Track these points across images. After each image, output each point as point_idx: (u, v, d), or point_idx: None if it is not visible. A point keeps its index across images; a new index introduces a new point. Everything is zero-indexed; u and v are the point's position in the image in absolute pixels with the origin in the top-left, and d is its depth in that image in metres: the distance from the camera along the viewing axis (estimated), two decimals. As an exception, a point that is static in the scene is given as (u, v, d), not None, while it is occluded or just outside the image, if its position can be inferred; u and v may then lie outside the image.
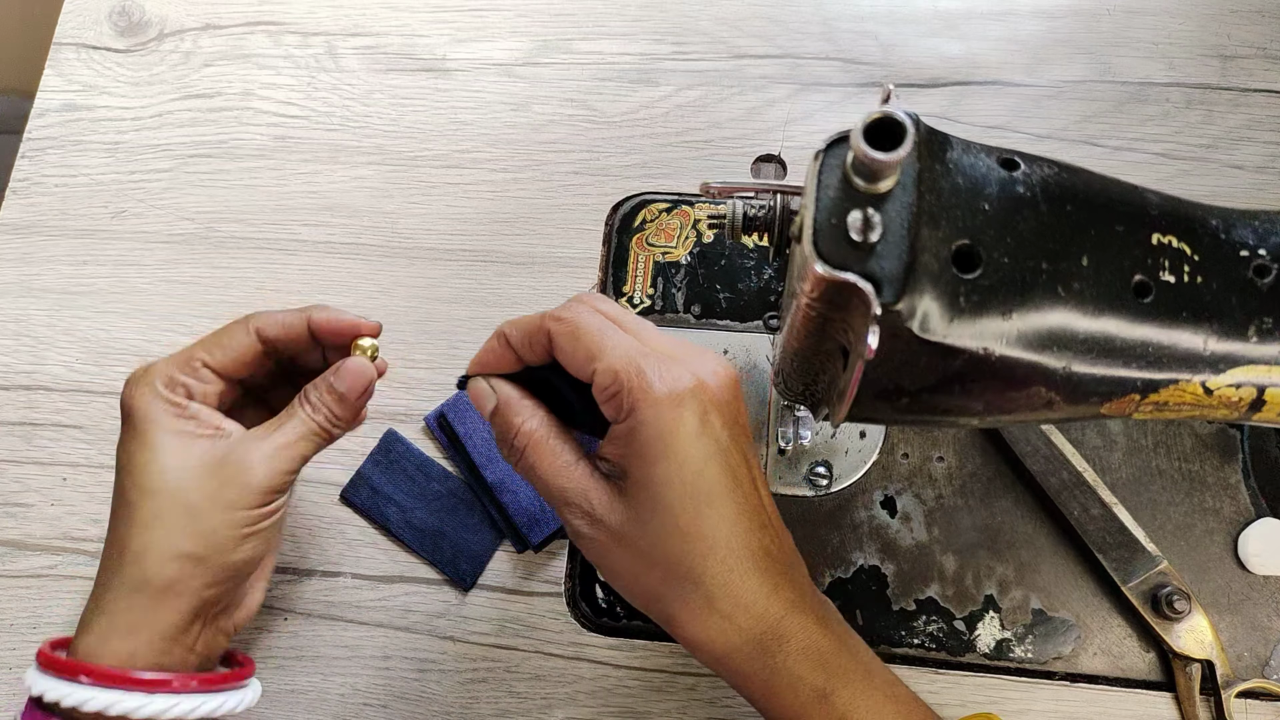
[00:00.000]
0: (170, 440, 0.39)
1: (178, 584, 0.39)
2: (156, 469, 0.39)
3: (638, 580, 0.35)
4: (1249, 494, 0.51)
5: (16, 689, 0.52)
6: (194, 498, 0.39)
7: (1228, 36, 0.62)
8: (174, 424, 0.39)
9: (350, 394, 0.41)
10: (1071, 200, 0.31)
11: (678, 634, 0.35)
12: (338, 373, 0.41)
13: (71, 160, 0.63)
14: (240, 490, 0.39)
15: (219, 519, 0.39)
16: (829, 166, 0.30)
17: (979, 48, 0.62)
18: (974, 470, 0.52)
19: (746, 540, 0.34)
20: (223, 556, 0.39)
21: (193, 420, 0.40)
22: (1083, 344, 0.31)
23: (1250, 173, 0.58)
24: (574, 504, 0.36)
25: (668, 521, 0.34)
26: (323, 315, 0.42)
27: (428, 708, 0.51)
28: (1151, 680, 0.48)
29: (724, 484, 0.34)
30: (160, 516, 0.38)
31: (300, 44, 0.65)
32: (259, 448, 0.40)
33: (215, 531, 0.39)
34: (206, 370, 0.41)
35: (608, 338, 0.34)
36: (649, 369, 0.33)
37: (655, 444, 0.33)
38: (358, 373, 0.41)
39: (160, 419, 0.39)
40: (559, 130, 0.62)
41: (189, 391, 0.40)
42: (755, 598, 0.34)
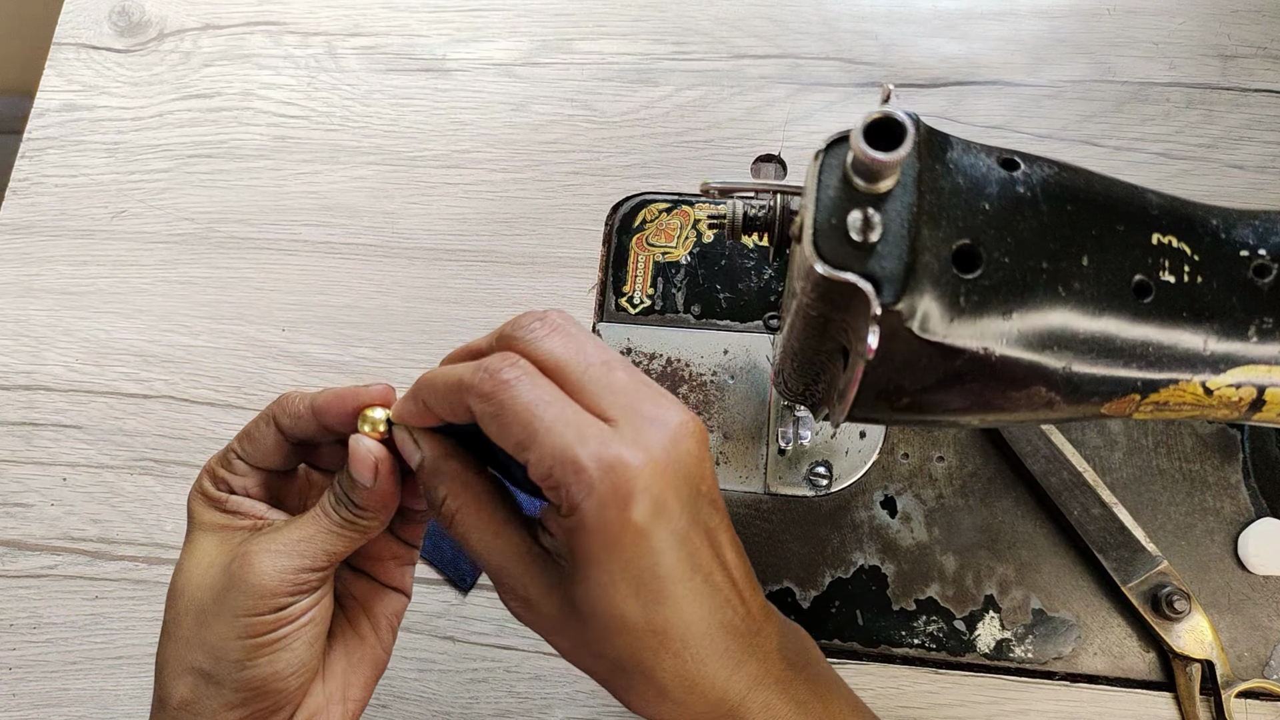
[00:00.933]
0: (205, 538, 0.36)
1: (193, 704, 0.34)
2: (186, 568, 0.35)
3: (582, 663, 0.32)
4: (1249, 494, 0.51)
5: (16, 689, 0.52)
6: (205, 599, 0.34)
7: (1228, 36, 0.62)
8: (215, 519, 0.36)
9: (361, 479, 0.34)
10: (1072, 200, 0.31)
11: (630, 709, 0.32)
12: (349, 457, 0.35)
13: (71, 160, 0.63)
14: (244, 593, 0.33)
15: (224, 628, 0.33)
16: (829, 166, 0.30)
17: (979, 48, 0.62)
18: (974, 470, 0.52)
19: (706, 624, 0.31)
20: (234, 673, 0.34)
21: (232, 514, 0.36)
22: (1083, 344, 0.31)
23: (1250, 173, 0.58)
24: (507, 586, 0.32)
25: (612, 621, 0.30)
26: (323, 396, 0.36)
27: (428, 708, 0.51)
28: (1151, 680, 0.48)
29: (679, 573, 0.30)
30: (176, 622, 0.35)
31: (300, 44, 0.65)
32: (268, 544, 0.34)
33: (220, 641, 0.34)
34: (240, 463, 0.37)
35: (538, 420, 0.29)
36: (590, 460, 0.28)
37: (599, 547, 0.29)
38: (360, 454, 0.34)
39: (203, 516, 0.36)
40: (559, 130, 0.62)
41: (229, 485, 0.37)
42: (713, 682, 0.31)
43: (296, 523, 0.35)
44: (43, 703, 0.52)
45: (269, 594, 0.33)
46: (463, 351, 0.34)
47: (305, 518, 0.35)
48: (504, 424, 0.30)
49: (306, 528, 0.35)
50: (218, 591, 0.34)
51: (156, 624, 0.53)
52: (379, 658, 0.39)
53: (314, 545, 0.35)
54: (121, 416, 0.57)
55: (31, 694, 0.52)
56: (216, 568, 0.34)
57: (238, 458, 0.37)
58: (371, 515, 0.35)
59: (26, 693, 0.52)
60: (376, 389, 0.35)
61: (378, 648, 0.39)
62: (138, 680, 0.52)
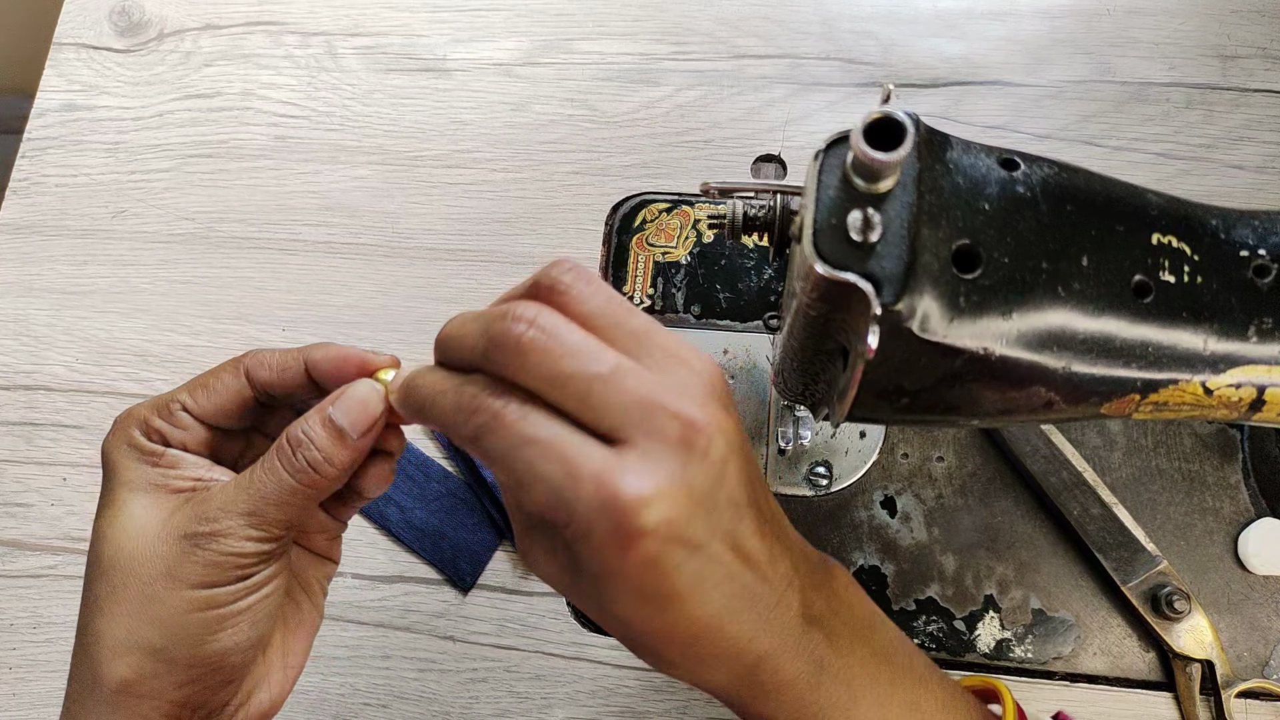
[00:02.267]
0: (139, 499, 0.32)
1: (136, 685, 0.31)
2: (115, 536, 0.31)
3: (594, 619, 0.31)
4: (1249, 494, 0.51)
5: (16, 689, 0.52)
6: (151, 571, 0.31)
7: (1228, 36, 0.62)
8: (145, 475, 0.32)
9: (353, 428, 0.32)
10: (1071, 200, 0.31)
11: None
12: (338, 400, 0.32)
13: (71, 160, 0.63)
14: (203, 563, 0.31)
15: (179, 600, 0.31)
16: (829, 166, 0.30)
17: (979, 48, 0.62)
18: (974, 470, 0.52)
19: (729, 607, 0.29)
20: (191, 649, 0.31)
21: (170, 469, 0.33)
22: (1083, 344, 0.31)
23: (1250, 173, 0.58)
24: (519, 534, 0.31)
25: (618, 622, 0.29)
26: (322, 352, 0.33)
27: (428, 708, 0.51)
28: (1151, 680, 0.48)
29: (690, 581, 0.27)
30: (113, 597, 0.31)
31: (300, 44, 0.65)
32: (225, 506, 0.31)
33: (176, 616, 0.31)
34: (185, 415, 0.33)
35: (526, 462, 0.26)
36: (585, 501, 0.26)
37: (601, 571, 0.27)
38: (363, 401, 0.32)
39: (130, 471, 0.32)
40: (559, 130, 0.62)
41: (165, 438, 0.33)
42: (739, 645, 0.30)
43: (250, 482, 0.32)
44: (43, 703, 0.52)
45: (234, 565, 0.31)
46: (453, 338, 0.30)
47: (258, 476, 0.32)
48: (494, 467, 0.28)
49: (264, 485, 0.31)
50: (169, 561, 0.31)
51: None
52: (314, 621, 0.37)
53: (273, 507, 0.31)
54: (121, 416, 0.57)
55: (31, 694, 0.52)
56: (160, 534, 0.31)
57: (183, 409, 0.33)
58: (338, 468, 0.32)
59: (26, 693, 0.52)
60: (387, 356, 0.33)
61: (313, 612, 0.37)
62: (138, 680, 0.52)
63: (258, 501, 0.31)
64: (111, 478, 0.33)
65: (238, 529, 0.31)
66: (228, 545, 0.31)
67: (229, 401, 0.34)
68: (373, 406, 0.32)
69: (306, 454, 0.31)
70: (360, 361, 0.33)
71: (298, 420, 0.32)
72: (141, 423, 0.33)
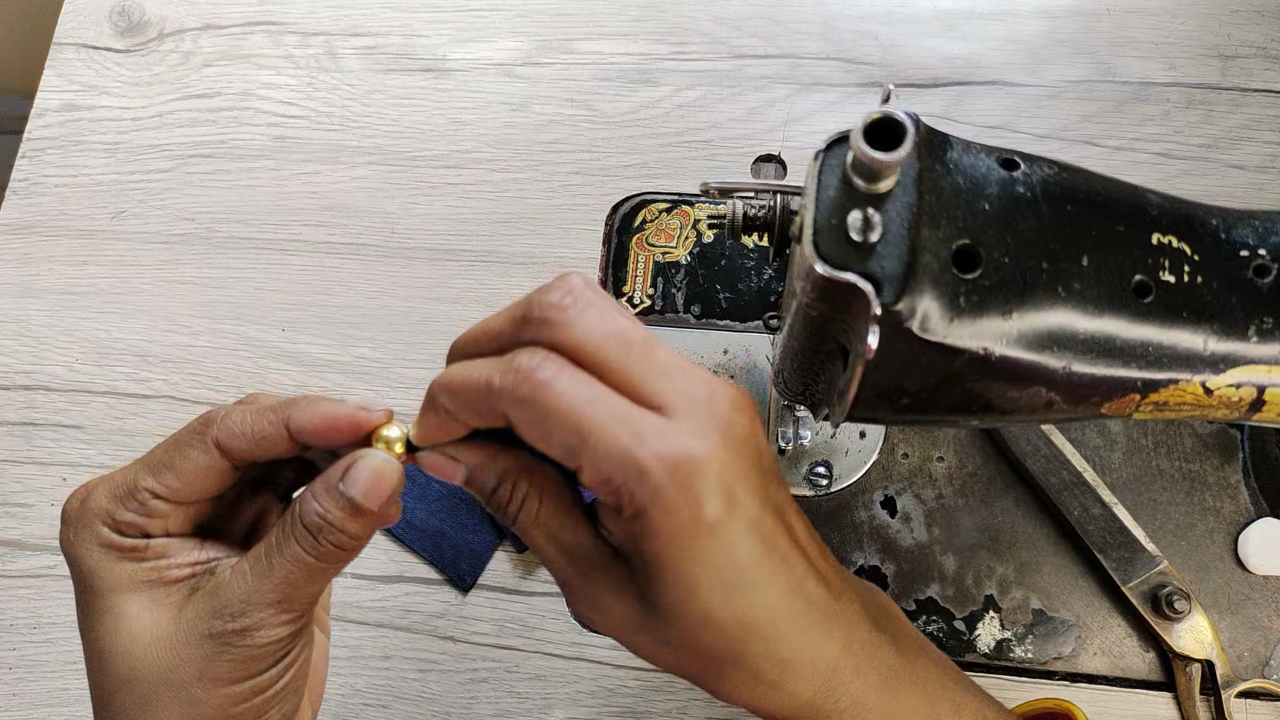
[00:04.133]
0: (135, 601, 0.30)
1: None
2: (124, 646, 0.29)
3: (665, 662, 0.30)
4: (1249, 494, 0.51)
5: (16, 689, 0.52)
6: (184, 676, 0.29)
7: (1228, 36, 0.62)
8: (134, 573, 0.30)
9: (369, 502, 0.29)
10: (1071, 200, 0.31)
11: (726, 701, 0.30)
12: (349, 473, 0.29)
13: (71, 160, 0.63)
14: (238, 659, 0.29)
15: (221, 698, 0.30)
16: (829, 166, 0.30)
17: (979, 48, 0.62)
18: (974, 470, 0.52)
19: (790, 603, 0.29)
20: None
21: (161, 559, 0.30)
22: (1083, 344, 0.31)
23: (1250, 173, 0.58)
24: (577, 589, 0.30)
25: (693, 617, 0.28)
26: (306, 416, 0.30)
27: (428, 708, 0.51)
28: (1151, 680, 0.48)
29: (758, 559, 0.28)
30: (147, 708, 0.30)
31: (300, 44, 0.65)
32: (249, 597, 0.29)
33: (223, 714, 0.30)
34: (159, 503, 0.30)
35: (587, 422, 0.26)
36: (652, 460, 0.26)
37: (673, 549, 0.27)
38: (378, 475, 0.29)
39: (114, 573, 0.30)
40: (559, 130, 0.62)
41: (141, 529, 0.30)
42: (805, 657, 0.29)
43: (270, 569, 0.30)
44: (43, 703, 0.52)
45: (271, 653, 0.30)
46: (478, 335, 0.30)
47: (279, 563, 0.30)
48: (548, 430, 0.27)
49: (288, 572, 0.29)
50: (200, 664, 0.29)
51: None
52: (326, 646, 0.37)
53: (301, 590, 0.30)
54: (121, 416, 0.57)
55: (31, 694, 0.52)
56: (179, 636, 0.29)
57: (154, 496, 0.30)
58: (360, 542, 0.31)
59: (26, 693, 0.52)
60: (380, 413, 0.30)
61: (323, 639, 0.37)
62: (138, 680, 0.52)
63: (285, 589, 0.29)
64: (93, 583, 0.30)
65: (270, 619, 0.29)
66: (263, 637, 0.30)
67: (203, 478, 0.30)
68: (389, 479, 0.30)
69: (330, 537, 0.29)
70: (352, 423, 0.30)
71: (307, 498, 0.30)
72: (108, 517, 0.30)
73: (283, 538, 0.30)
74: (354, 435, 0.30)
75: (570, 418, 0.26)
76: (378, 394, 0.56)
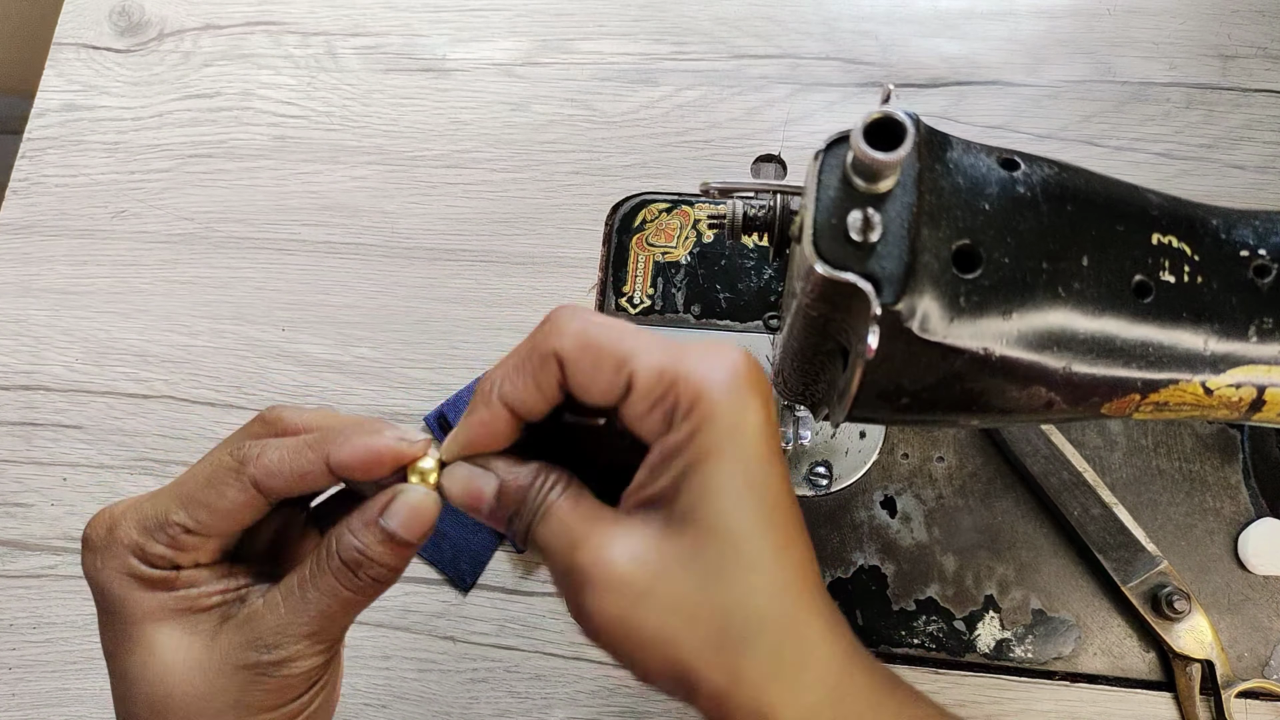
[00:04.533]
0: (164, 631, 0.30)
1: None
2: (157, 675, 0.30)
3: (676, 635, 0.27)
4: (1249, 494, 0.51)
5: (16, 689, 0.52)
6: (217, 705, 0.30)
7: (1228, 36, 0.62)
8: (163, 603, 0.30)
9: (410, 534, 0.30)
10: (1072, 200, 0.31)
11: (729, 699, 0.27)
12: (390, 508, 0.30)
13: (71, 160, 0.63)
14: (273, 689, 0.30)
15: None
16: (829, 166, 0.30)
17: (979, 48, 0.62)
18: (974, 470, 0.52)
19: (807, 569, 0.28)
20: None
21: (192, 588, 0.30)
22: (1083, 344, 0.31)
23: (1250, 173, 0.58)
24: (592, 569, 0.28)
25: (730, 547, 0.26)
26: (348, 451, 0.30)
27: (428, 708, 0.51)
28: (1151, 680, 0.48)
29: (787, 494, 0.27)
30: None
31: (300, 44, 0.65)
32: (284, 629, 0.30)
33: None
34: (189, 536, 0.30)
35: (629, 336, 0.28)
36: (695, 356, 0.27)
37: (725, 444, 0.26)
38: (418, 510, 0.30)
39: (143, 603, 0.30)
40: (559, 130, 0.62)
41: (171, 561, 0.30)
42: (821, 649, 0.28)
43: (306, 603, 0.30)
44: (43, 703, 0.52)
45: (304, 681, 0.30)
46: None
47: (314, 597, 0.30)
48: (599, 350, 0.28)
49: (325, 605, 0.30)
50: (234, 694, 0.30)
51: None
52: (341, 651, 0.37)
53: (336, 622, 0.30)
54: (121, 416, 0.57)
55: (31, 694, 0.52)
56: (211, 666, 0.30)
57: (185, 531, 0.30)
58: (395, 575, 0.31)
59: (26, 693, 0.52)
60: (419, 443, 0.30)
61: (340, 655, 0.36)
62: (138, 680, 0.52)
63: (320, 621, 0.30)
64: (121, 610, 0.30)
65: (304, 650, 0.30)
66: (298, 668, 0.30)
67: (238, 516, 0.30)
68: (428, 511, 0.30)
69: (370, 572, 0.30)
70: (395, 457, 0.30)
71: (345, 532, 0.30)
72: (137, 549, 0.30)
73: (318, 571, 0.30)
74: (395, 467, 0.30)
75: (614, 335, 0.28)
76: (378, 394, 0.56)
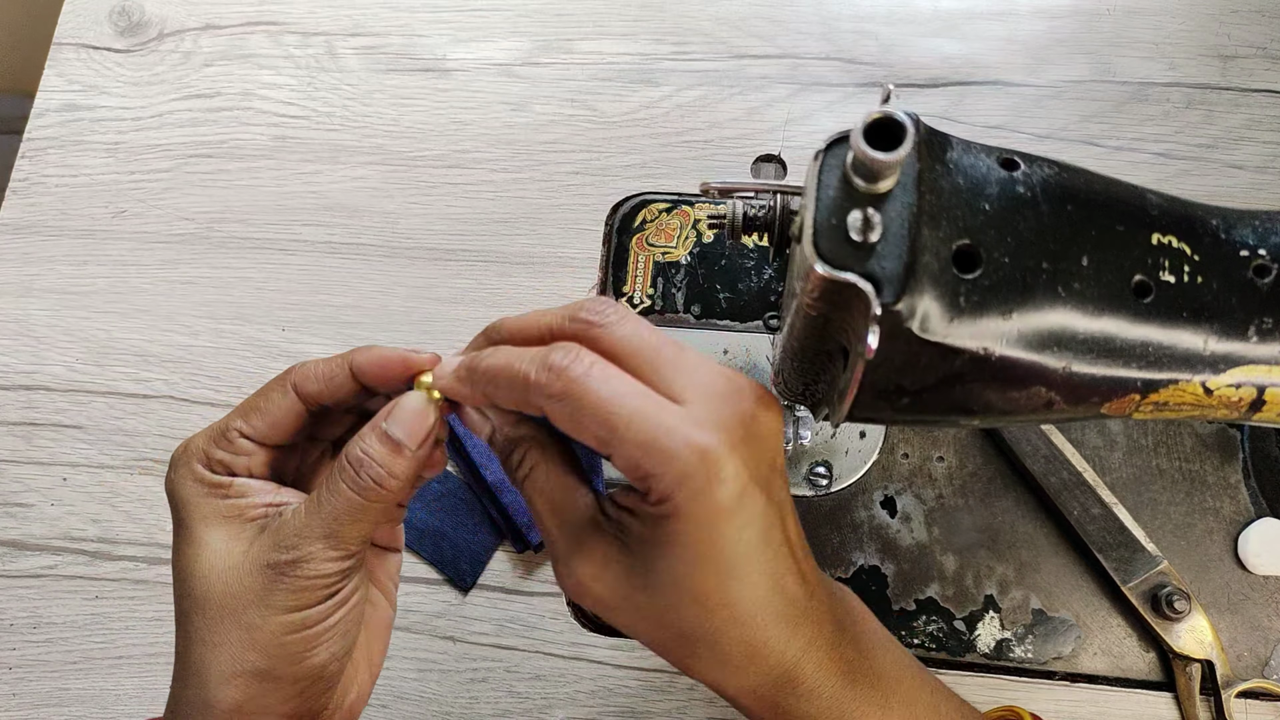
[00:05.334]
0: (216, 533, 0.33)
1: (247, 704, 0.33)
2: (202, 572, 0.33)
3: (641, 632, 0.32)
4: (1249, 494, 0.51)
5: (16, 689, 0.52)
6: (244, 602, 0.33)
7: (1228, 36, 0.62)
8: (218, 509, 0.34)
9: (410, 439, 0.33)
10: (1072, 200, 0.31)
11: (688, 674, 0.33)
12: (391, 415, 0.33)
13: (71, 160, 0.63)
14: (291, 589, 0.32)
15: (276, 625, 0.32)
16: (829, 166, 0.30)
17: (979, 48, 0.62)
18: (974, 470, 0.52)
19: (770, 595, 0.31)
20: (293, 666, 0.33)
21: (241, 498, 0.34)
22: (1083, 344, 0.31)
23: (1250, 173, 0.58)
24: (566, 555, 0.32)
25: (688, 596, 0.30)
26: (366, 356, 0.34)
27: (428, 708, 0.51)
28: (1151, 680, 0.48)
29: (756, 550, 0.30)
30: (212, 629, 0.33)
31: (300, 44, 0.65)
32: (301, 532, 0.33)
33: (275, 640, 0.33)
34: (245, 441, 0.34)
35: (618, 415, 0.28)
36: (681, 448, 0.28)
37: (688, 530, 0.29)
38: (416, 413, 0.33)
39: (202, 507, 0.34)
40: (559, 130, 0.62)
41: (229, 467, 0.34)
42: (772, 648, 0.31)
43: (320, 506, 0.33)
44: (43, 703, 0.52)
45: (321, 586, 0.33)
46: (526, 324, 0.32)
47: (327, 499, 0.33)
48: (581, 422, 0.29)
49: (335, 508, 0.33)
50: (258, 591, 0.32)
51: (157, 624, 0.53)
52: (389, 616, 0.39)
53: (347, 526, 0.33)
54: (121, 416, 0.57)
55: (31, 694, 0.52)
56: (245, 566, 0.33)
57: (242, 435, 0.34)
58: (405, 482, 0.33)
59: (26, 693, 0.52)
60: (426, 356, 0.34)
61: (387, 608, 0.39)
62: (138, 680, 0.52)
63: (332, 524, 0.32)
64: (185, 515, 0.34)
65: (319, 553, 0.32)
66: (312, 569, 0.32)
67: (283, 419, 0.35)
68: (426, 416, 0.33)
69: (370, 471, 0.32)
70: (403, 362, 0.34)
71: (355, 439, 0.33)
72: (203, 456, 0.34)
73: (332, 477, 0.33)
74: (404, 374, 0.34)
75: (601, 411, 0.29)
76: (378, 394, 0.56)
